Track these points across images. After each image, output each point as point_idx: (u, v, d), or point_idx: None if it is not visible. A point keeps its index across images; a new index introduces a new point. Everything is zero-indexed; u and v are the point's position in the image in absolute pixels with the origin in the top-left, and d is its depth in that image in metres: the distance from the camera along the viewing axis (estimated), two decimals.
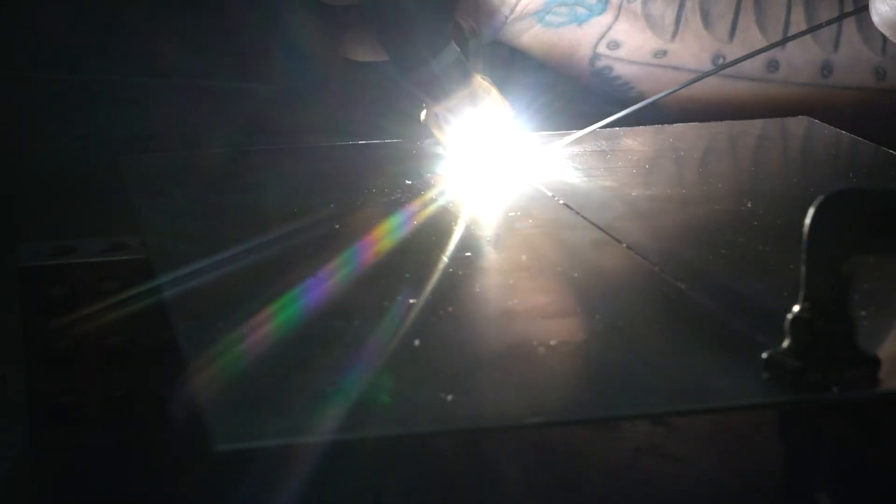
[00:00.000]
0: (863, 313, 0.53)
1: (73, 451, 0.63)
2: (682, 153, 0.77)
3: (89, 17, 0.86)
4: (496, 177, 0.73)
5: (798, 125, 0.82)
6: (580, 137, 0.79)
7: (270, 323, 0.53)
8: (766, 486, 0.47)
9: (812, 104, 0.91)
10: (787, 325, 0.48)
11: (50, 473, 0.62)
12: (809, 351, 0.47)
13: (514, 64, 0.90)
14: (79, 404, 0.63)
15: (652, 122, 0.86)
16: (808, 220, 0.47)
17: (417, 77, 0.74)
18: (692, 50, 0.90)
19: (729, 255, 0.61)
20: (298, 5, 0.82)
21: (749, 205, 0.67)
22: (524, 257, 0.61)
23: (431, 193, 0.70)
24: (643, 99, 0.91)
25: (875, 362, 0.48)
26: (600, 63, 0.91)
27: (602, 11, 0.89)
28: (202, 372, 0.48)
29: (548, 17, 0.89)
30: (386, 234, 0.64)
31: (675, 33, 0.90)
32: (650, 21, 0.90)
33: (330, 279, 0.58)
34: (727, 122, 0.83)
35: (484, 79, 0.76)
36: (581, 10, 0.89)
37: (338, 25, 0.79)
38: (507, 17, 0.88)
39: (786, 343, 0.48)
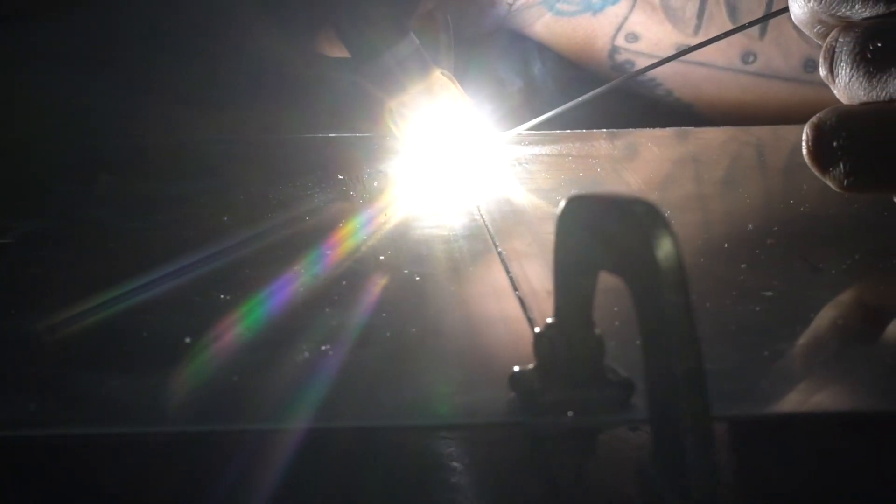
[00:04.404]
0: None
1: None
2: (647, 158, 0.77)
3: None
4: (429, 175, 0.74)
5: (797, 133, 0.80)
6: (556, 138, 0.79)
7: (88, 313, 0.55)
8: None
9: None
10: (532, 342, 0.48)
11: None
12: (550, 371, 0.47)
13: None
14: None
15: (680, 125, 0.86)
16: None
17: (370, 69, 0.75)
18: (719, 46, 0.89)
19: None
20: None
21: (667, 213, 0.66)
22: (382, 257, 0.62)
23: (351, 189, 0.72)
24: (672, 97, 0.90)
25: (627, 386, 0.47)
26: (620, 57, 0.90)
27: (616, 1, 0.89)
28: None
29: (559, 6, 0.89)
30: (265, 229, 0.66)
31: (698, 27, 0.89)
32: (669, 13, 0.89)
33: (174, 271, 0.60)
34: (728, 128, 0.82)
35: (444, 74, 0.77)
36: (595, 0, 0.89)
37: (312, 20, 0.81)
38: (510, 5, 0.88)
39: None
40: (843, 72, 0.56)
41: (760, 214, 0.68)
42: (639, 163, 0.75)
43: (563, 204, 0.46)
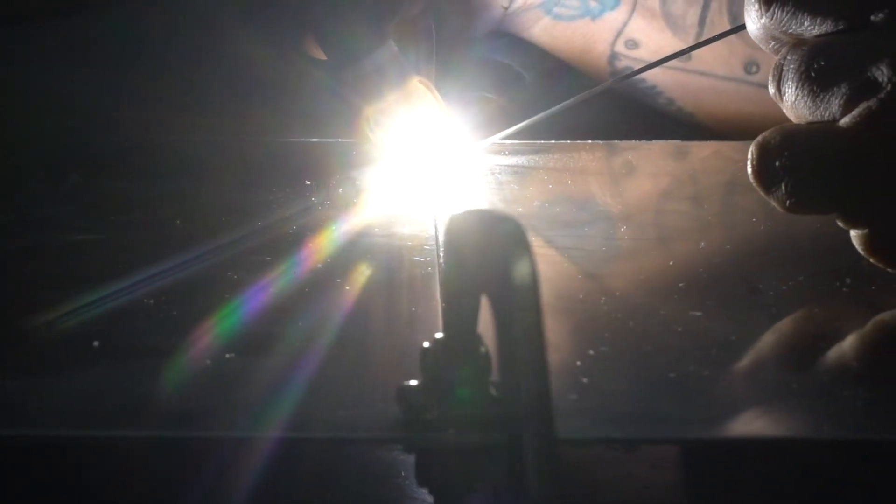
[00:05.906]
0: (591, 352, 0.54)
1: None
2: (623, 172, 0.78)
3: None
4: (397, 184, 0.76)
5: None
6: (538, 148, 0.80)
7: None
8: None
9: None
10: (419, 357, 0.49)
11: None
12: (434, 387, 0.48)
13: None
14: None
15: (683, 135, 0.87)
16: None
17: (346, 75, 0.77)
18: (720, 54, 0.89)
19: None
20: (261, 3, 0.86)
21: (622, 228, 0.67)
22: (319, 265, 0.64)
23: (314, 195, 0.73)
24: (674, 106, 0.91)
25: (510, 403, 0.48)
26: (620, 63, 0.91)
27: (615, 6, 0.90)
28: None
29: (556, 9, 0.90)
30: (214, 234, 0.68)
31: (699, 35, 0.89)
32: (670, 20, 0.89)
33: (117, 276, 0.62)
34: (717, 142, 0.82)
35: (422, 82, 0.79)
36: (593, 4, 0.90)
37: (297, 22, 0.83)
38: (505, 8, 0.89)
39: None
40: (790, 90, 0.57)
41: (717, 232, 0.68)
42: (612, 176, 0.76)
43: (444, 222, 0.47)
